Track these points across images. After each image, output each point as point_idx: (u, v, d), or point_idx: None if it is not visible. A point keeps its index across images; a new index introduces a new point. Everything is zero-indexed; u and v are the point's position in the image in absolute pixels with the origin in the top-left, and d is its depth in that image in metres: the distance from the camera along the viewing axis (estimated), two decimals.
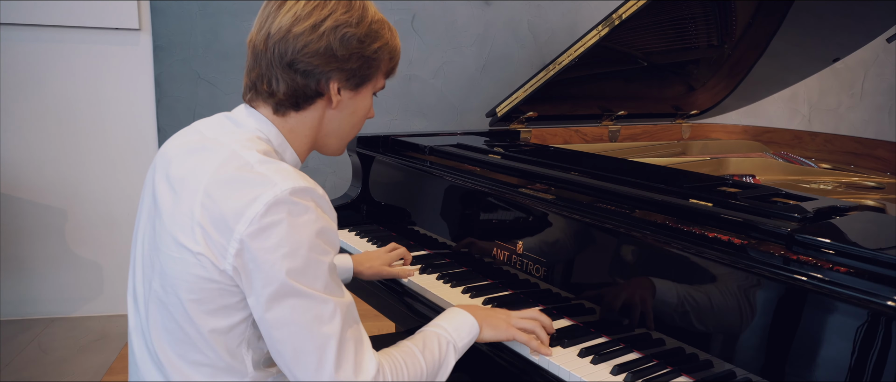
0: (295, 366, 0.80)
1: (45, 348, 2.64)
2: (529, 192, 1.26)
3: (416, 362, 0.90)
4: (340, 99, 0.93)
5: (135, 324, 0.93)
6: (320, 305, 0.79)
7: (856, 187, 1.87)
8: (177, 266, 0.82)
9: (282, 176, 0.80)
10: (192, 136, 0.93)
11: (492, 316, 1.03)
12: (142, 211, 0.94)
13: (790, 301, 0.85)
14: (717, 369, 0.93)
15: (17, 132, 2.72)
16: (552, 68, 1.87)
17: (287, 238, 0.77)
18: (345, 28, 0.88)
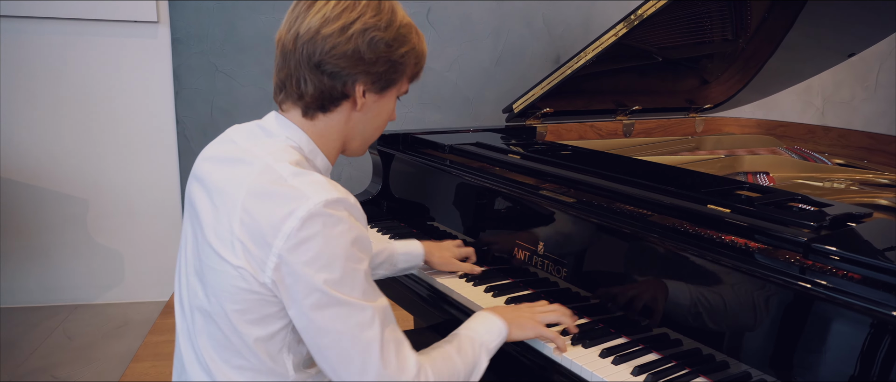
0: (342, 371, 0.84)
1: (70, 334, 2.71)
2: (550, 194, 1.29)
3: (453, 363, 0.93)
4: (365, 102, 0.95)
5: (182, 328, 0.97)
6: (360, 312, 0.83)
7: (869, 184, 1.89)
8: (220, 278, 0.86)
9: (314, 189, 0.83)
10: (226, 146, 0.96)
11: (519, 317, 1.07)
12: (186, 218, 0.98)
13: (805, 308, 0.89)
14: (733, 370, 0.97)
15: (39, 124, 2.78)
16: (569, 67, 1.89)
17: (323, 251, 0.81)
18: (373, 31, 0.89)
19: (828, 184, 1.81)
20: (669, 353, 1.05)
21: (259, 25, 2.82)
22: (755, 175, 1.90)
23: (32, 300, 2.96)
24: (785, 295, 0.91)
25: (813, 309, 0.88)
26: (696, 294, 1.02)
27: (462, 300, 1.28)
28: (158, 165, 2.95)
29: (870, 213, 1.09)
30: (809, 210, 1.07)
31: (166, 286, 3.05)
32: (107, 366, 2.45)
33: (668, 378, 0.98)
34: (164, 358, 2.38)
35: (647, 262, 1.11)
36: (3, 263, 2.89)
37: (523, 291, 1.29)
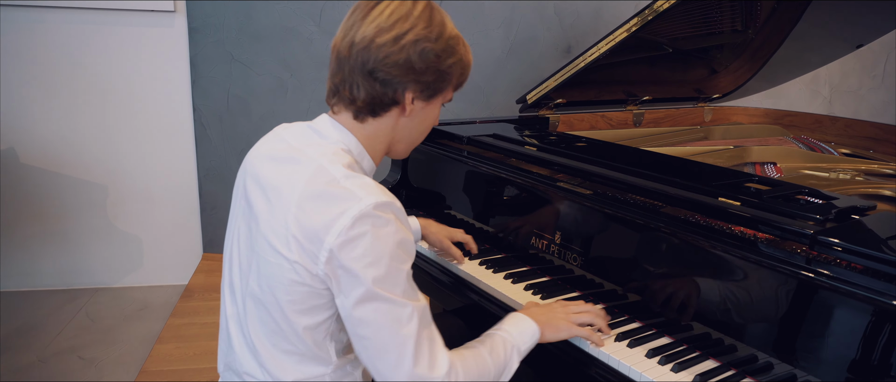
0: (378, 361, 0.89)
1: (92, 316, 2.80)
2: (567, 186, 1.35)
3: (484, 362, 0.98)
4: (413, 108, 1.00)
5: (232, 313, 1.03)
6: (400, 308, 0.88)
7: (874, 174, 1.94)
8: (274, 270, 0.92)
9: (366, 191, 0.89)
10: (278, 144, 1.02)
11: (553, 318, 1.10)
12: (235, 210, 1.04)
13: (810, 297, 0.95)
14: (741, 353, 1.03)
15: (59, 112, 2.84)
16: (583, 60, 1.93)
17: (371, 249, 0.86)
18: (424, 43, 0.94)
19: (834, 175, 1.86)
20: (680, 337, 1.11)
21: (274, 15, 2.86)
22: (763, 166, 1.96)
23: (55, 284, 3.04)
24: (792, 284, 0.97)
25: (818, 298, 0.94)
26: (706, 283, 1.08)
27: (484, 286, 1.34)
28: (176, 152, 3.01)
29: (874, 205, 1.14)
30: (816, 203, 1.13)
31: (183, 270, 3.12)
32: (130, 347, 2.53)
33: (680, 360, 1.04)
34: (187, 340, 2.46)
35: (659, 252, 1.17)
36: (26, 247, 2.97)
37: (541, 278, 1.36)
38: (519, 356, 1.04)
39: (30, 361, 2.41)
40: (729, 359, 1.04)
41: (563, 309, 1.13)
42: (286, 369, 0.97)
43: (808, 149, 2.25)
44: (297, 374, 0.97)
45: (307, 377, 0.97)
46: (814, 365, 0.94)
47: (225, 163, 3.05)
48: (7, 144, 2.85)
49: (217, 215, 3.12)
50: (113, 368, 2.38)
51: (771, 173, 1.89)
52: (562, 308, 1.13)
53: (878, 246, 0.93)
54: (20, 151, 2.87)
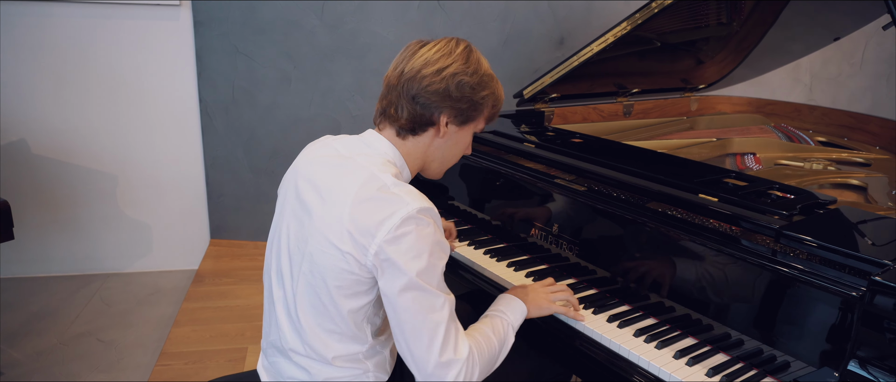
0: (412, 342, 1.04)
1: (107, 301, 2.92)
2: (563, 183, 1.49)
3: (491, 342, 1.14)
4: (447, 131, 1.15)
5: (279, 296, 1.17)
6: (434, 298, 1.03)
7: (845, 163, 2.09)
8: (326, 259, 1.06)
9: (412, 197, 1.04)
10: (328, 151, 1.16)
11: (536, 297, 1.27)
12: (284, 207, 1.17)
13: (776, 285, 1.09)
14: (717, 331, 1.18)
15: (70, 104, 2.93)
16: (578, 58, 2.05)
17: (415, 245, 1.01)
18: (462, 76, 1.10)
19: (808, 165, 2.01)
20: (664, 318, 1.26)
21: (277, 8, 2.95)
22: (744, 156, 2.10)
23: (68, 270, 3.16)
24: (759, 274, 1.11)
25: (782, 287, 1.08)
26: (687, 270, 1.23)
27: (487, 273, 1.49)
28: (183, 141, 3.11)
29: (834, 199, 1.29)
30: (784, 198, 1.27)
31: (192, 256, 3.25)
32: (147, 330, 2.67)
33: (663, 339, 1.19)
34: (202, 323, 2.60)
35: (645, 243, 1.31)
36: (39, 234, 3.09)
37: (540, 265, 1.50)
38: (513, 331, 1.21)
39: (52, 344, 2.53)
40: (705, 337, 1.19)
41: (543, 289, 1.30)
42: (329, 345, 1.11)
43: (787, 138, 2.39)
44: (337, 350, 1.12)
45: (346, 353, 1.12)
46: (781, 343, 1.09)
47: (231, 152, 3.16)
48: (18, 135, 2.94)
49: (223, 203, 3.24)
50: (132, 350, 2.51)
51: (751, 164, 2.04)
52: (542, 288, 1.30)
53: (834, 239, 1.07)
54: (31, 141, 2.97)
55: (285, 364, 1.17)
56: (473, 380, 1.08)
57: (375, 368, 1.16)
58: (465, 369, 1.05)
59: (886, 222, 1.23)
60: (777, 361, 1.09)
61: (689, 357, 1.13)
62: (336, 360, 1.12)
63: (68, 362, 2.42)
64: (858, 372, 0.94)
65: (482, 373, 1.10)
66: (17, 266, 3.10)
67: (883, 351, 0.92)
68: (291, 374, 1.16)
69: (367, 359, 1.15)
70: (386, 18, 3.02)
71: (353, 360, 1.13)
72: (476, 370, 1.08)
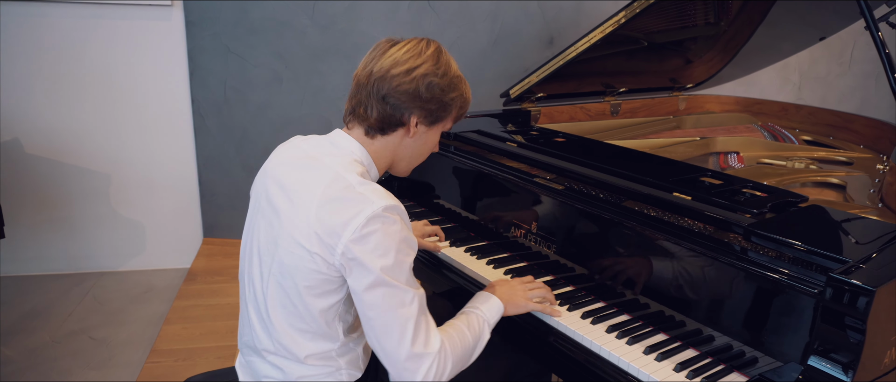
0: (383, 338, 1.05)
1: (100, 299, 2.94)
2: (542, 182, 1.51)
3: (465, 337, 1.16)
4: (417, 131, 1.16)
5: (251, 297, 1.19)
6: (403, 294, 1.05)
7: (828, 162, 2.12)
8: (295, 260, 1.08)
9: (377, 196, 1.05)
10: (295, 152, 1.17)
11: (513, 295, 1.29)
12: (255, 210, 1.19)
13: (745, 282, 1.12)
14: (689, 327, 1.21)
15: (63, 103, 2.95)
16: (563, 58, 2.08)
17: (381, 243, 1.02)
18: (432, 77, 1.11)
19: (790, 163, 2.03)
20: (638, 315, 1.28)
21: (268, 9, 2.97)
22: (727, 155, 2.12)
23: (61, 268, 3.18)
24: (729, 272, 1.14)
25: (749, 283, 1.11)
26: (660, 268, 1.25)
27: (466, 270, 1.51)
28: (175, 141, 3.13)
29: (805, 198, 1.31)
30: (756, 197, 1.29)
31: (184, 255, 3.27)
32: (138, 328, 2.69)
33: (634, 334, 1.21)
34: (192, 321, 2.62)
35: (621, 241, 1.34)
36: (33, 234, 3.11)
37: (519, 263, 1.52)
38: (489, 328, 1.23)
39: (43, 341, 2.56)
40: (677, 333, 1.21)
41: (521, 286, 1.32)
42: (301, 344, 1.13)
43: (772, 137, 2.41)
44: (309, 349, 1.13)
45: (317, 351, 1.14)
46: (748, 338, 1.11)
47: (223, 152, 3.18)
48: (11, 134, 2.97)
49: (216, 202, 3.26)
50: (123, 347, 2.53)
51: (733, 163, 2.06)
52: (520, 285, 1.32)
53: (800, 237, 1.09)
54: (25, 141, 2.99)
55: (260, 363, 1.19)
56: (446, 374, 1.10)
57: (348, 365, 1.18)
58: (436, 362, 1.07)
59: (857, 220, 1.25)
60: (745, 356, 1.11)
61: (659, 353, 1.15)
62: (308, 359, 1.14)
63: (60, 359, 2.44)
64: (820, 367, 0.96)
65: (455, 367, 1.12)
66: (11, 265, 3.12)
67: (842, 346, 0.94)
68: (266, 373, 1.18)
69: (339, 357, 1.16)
70: (376, 19, 3.04)
71: (325, 358, 1.15)
72: (448, 363, 1.09)
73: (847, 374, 0.93)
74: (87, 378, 2.33)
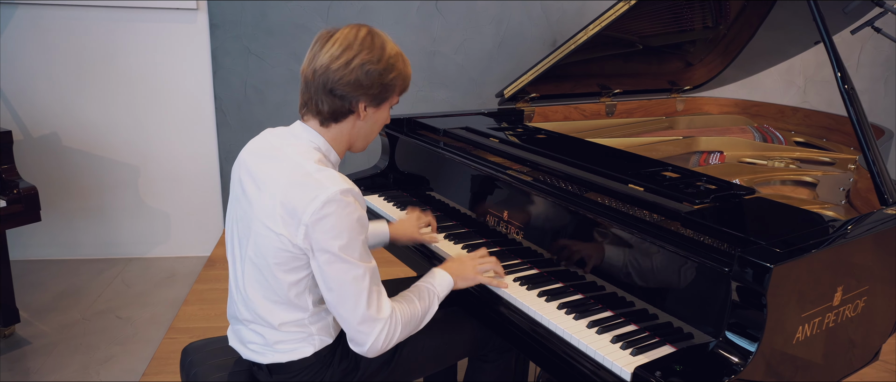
0: (339, 306, 1.21)
1: (127, 283, 3.16)
2: (514, 174, 1.63)
3: (414, 307, 1.31)
4: (366, 114, 1.28)
5: (232, 274, 1.35)
6: (356, 268, 1.18)
7: (809, 162, 2.18)
8: (265, 241, 1.22)
9: (332, 181, 1.18)
10: (263, 143, 1.32)
11: (462, 269, 1.43)
12: (233, 197, 1.34)
13: (676, 264, 1.22)
14: (637, 306, 1.32)
15: (97, 100, 3.18)
16: (553, 58, 2.19)
17: (337, 224, 1.16)
18: (369, 64, 1.22)
19: (770, 162, 2.10)
20: (590, 295, 1.40)
21: (286, 12, 3.16)
22: (709, 154, 2.21)
23: (93, 253, 3.42)
24: (664, 254, 1.24)
25: (679, 264, 1.21)
26: (613, 253, 1.36)
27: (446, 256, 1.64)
28: (199, 137, 3.34)
29: (753, 191, 1.41)
30: (704, 189, 1.39)
31: (206, 243, 3.48)
32: (161, 309, 2.89)
33: (582, 311, 1.33)
34: (209, 302, 2.81)
35: (582, 228, 1.45)
36: (68, 221, 3.35)
37: (492, 249, 1.65)
38: (438, 300, 1.38)
39: (74, 319, 2.78)
40: (623, 311, 1.33)
41: (472, 261, 1.45)
42: (275, 313, 1.28)
43: (762, 138, 2.48)
44: (282, 318, 1.28)
45: (290, 319, 1.29)
46: (682, 315, 1.22)
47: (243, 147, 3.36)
48: (50, 128, 3.21)
49: None
50: (146, 326, 2.73)
51: (714, 161, 2.14)
52: (470, 260, 1.45)
53: (728, 223, 1.20)
54: (62, 135, 3.23)
55: (244, 330, 1.35)
56: (396, 336, 1.25)
57: (319, 332, 1.32)
58: (387, 326, 1.22)
59: (795, 212, 1.34)
60: (683, 333, 1.22)
61: (601, 327, 1.27)
62: (282, 326, 1.29)
63: (89, 335, 2.65)
64: (733, 340, 1.07)
65: (405, 332, 1.27)
66: (49, 249, 3.37)
67: (750, 320, 1.05)
68: (250, 338, 1.34)
69: (311, 324, 1.30)
70: (386, 21, 3.20)
71: (298, 325, 1.29)
72: (398, 327, 1.25)
73: (753, 345, 1.04)
74: (111, 352, 2.53)
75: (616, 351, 1.19)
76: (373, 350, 1.23)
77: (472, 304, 1.50)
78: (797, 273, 1.06)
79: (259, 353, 1.32)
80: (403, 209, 1.96)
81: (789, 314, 1.07)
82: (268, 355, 1.31)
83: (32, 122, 3.17)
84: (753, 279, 1.01)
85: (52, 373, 2.38)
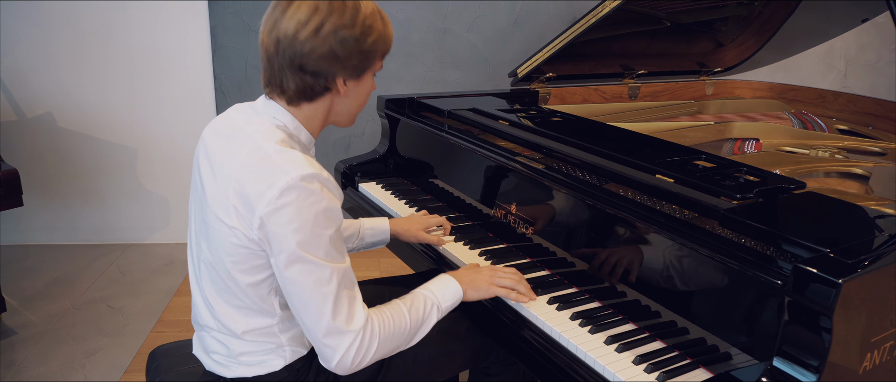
0: (302, 314, 1.02)
1: (123, 270, 3.03)
2: (523, 161, 1.44)
3: (401, 317, 1.09)
4: (347, 88, 1.08)
5: (193, 276, 1.17)
6: (321, 270, 0.99)
7: (857, 152, 1.96)
8: (219, 235, 1.04)
9: (292, 165, 0.98)
10: (226, 122, 1.12)
11: (476, 279, 1.21)
12: (193, 184, 1.16)
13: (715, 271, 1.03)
14: (663, 318, 1.13)
15: (93, 79, 3.04)
16: (570, 33, 1.99)
17: (296, 216, 0.96)
18: (343, 30, 1.01)
19: (813, 152, 1.89)
20: (609, 303, 1.21)
21: None
22: (744, 142, 1.99)
23: (91, 239, 3.30)
24: (700, 259, 1.05)
25: (719, 272, 1.02)
26: (637, 254, 1.17)
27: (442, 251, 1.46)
28: (198, 117, 3.19)
29: (803, 185, 1.20)
30: (746, 182, 1.19)
31: None
32: (154, 299, 2.76)
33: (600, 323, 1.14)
34: None
35: (601, 225, 1.26)
36: (65, 204, 3.23)
37: (498, 244, 1.46)
38: (439, 312, 1.15)
39: (65, 308, 2.65)
40: (647, 324, 1.13)
41: (489, 272, 1.24)
42: (237, 321, 1.10)
43: (802, 124, 2.26)
44: (246, 325, 1.10)
45: (256, 327, 1.10)
46: (718, 332, 1.03)
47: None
48: (45, 109, 3.08)
49: None
50: (137, 317, 2.60)
51: (750, 150, 1.93)
52: (488, 271, 1.24)
53: (779, 224, 1.00)
54: (57, 115, 3.10)
55: (208, 338, 1.17)
56: (371, 353, 1.05)
57: (291, 342, 1.14)
58: (358, 339, 1.02)
59: (858, 210, 1.14)
60: (719, 352, 1.03)
61: (621, 343, 1.08)
62: (246, 334, 1.10)
63: (78, 325, 2.52)
64: (783, 369, 0.88)
65: (384, 347, 1.07)
66: (42, 234, 3.25)
67: (808, 345, 0.85)
68: (214, 348, 1.16)
69: (281, 333, 1.12)
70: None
71: (266, 334, 1.11)
72: (374, 342, 1.04)
73: (811, 377, 0.84)
74: (99, 344, 2.40)
75: (640, 374, 1.00)
76: (342, 367, 1.03)
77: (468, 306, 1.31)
78: (868, 289, 0.86)
79: (223, 365, 1.15)
80: (403, 199, 1.77)
81: (855, 339, 0.88)
82: (232, 367, 1.13)
83: (26, 102, 3.05)
84: (815, 296, 0.82)
85: (35, 366, 2.25)
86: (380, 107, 1.96)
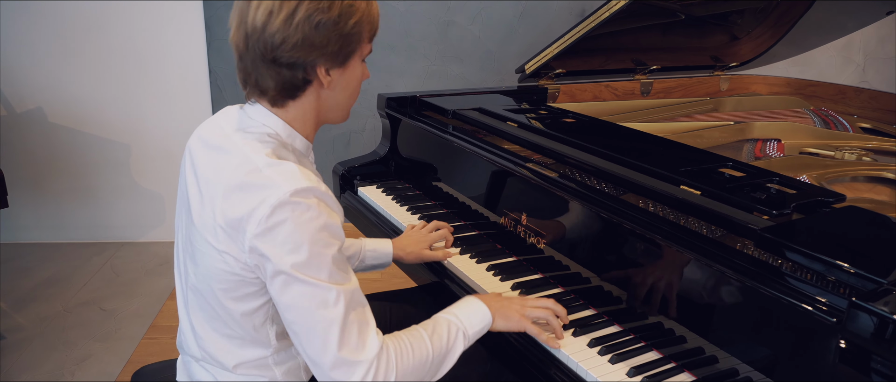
0: (305, 344, 0.90)
1: (116, 270, 2.94)
2: (534, 168, 1.34)
3: (422, 345, 0.96)
4: (331, 79, 0.96)
5: (180, 298, 1.07)
6: (325, 293, 0.87)
7: (885, 153, 1.85)
8: (207, 260, 0.94)
9: (285, 178, 0.87)
10: (213, 129, 1.01)
11: (506, 308, 1.08)
12: (179, 197, 1.05)
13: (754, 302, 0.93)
14: (689, 345, 1.03)
15: (85, 74, 2.94)
16: (582, 28, 1.88)
17: (291, 236, 0.86)
18: (317, 14, 0.89)
19: (839, 154, 1.78)
20: (629, 327, 1.11)
21: None
22: (765, 142, 1.89)
23: (83, 237, 3.21)
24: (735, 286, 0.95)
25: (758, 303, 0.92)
26: (659, 274, 1.07)
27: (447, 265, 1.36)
28: (193, 112, 3.09)
29: (843, 198, 1.10)
30: (780, 194, 1.09)
31: None
32: (148, 300, 2.67)
33: (621, 352, 1.04)
34: None
35: (619, 240, 1.16)
36: (57, 202, 3.13)
37: (506, 258, 1.36)
38: (465, 340, 1.03)
39: (56, 310, 2.57)
40: (673, 351, 1.04)
41: (521, 301, 1.11)
42: (229, 352, 1.00)
43: (823, 123, 2.15)
44: (239, 357, 1.00)
45: (249, 359, 1.00)
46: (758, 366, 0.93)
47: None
48: (36, 104, 2.98)
49: None
50: (130, 320, 2.51)
51: (772, 151, 1.82)
52: (519, 301, 1.12)
53: (824, 248, 0.89)
54: (48, 111, 3.00)
55: (195, 366, 1.07)
56: None
57: (286, 375, 1.03)
58: (372, 371, 0.89)
59: None
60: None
61: (647, 376, 0.98)
62: (238, 367, 1.00)
63: (68, 329, 2.44)
64: None
65: (406, 376, 0.94)
66: (34, 232, 3.16)
67: None
68: (200, 375, 1.06)
69: (276, 366, 1.02)
70: None
71: (259, 367, 1.01)
72: (390, 374, 0.92)
73: None
74: (90, 350, 2.31)
75: None
76: None
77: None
78: None
79: None
80: (404, 205, 1.67)
81: None
82: None
83: (16, 97, 2.95)
84: (879, 337, 0.72)
85: (24, 373, 2.16)
86: (380, 106, 1.85)
